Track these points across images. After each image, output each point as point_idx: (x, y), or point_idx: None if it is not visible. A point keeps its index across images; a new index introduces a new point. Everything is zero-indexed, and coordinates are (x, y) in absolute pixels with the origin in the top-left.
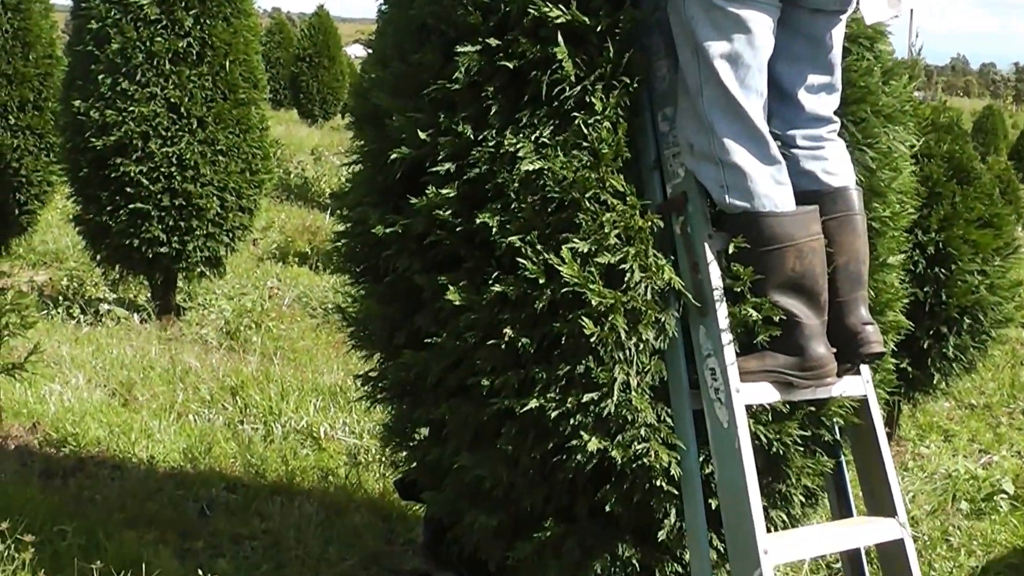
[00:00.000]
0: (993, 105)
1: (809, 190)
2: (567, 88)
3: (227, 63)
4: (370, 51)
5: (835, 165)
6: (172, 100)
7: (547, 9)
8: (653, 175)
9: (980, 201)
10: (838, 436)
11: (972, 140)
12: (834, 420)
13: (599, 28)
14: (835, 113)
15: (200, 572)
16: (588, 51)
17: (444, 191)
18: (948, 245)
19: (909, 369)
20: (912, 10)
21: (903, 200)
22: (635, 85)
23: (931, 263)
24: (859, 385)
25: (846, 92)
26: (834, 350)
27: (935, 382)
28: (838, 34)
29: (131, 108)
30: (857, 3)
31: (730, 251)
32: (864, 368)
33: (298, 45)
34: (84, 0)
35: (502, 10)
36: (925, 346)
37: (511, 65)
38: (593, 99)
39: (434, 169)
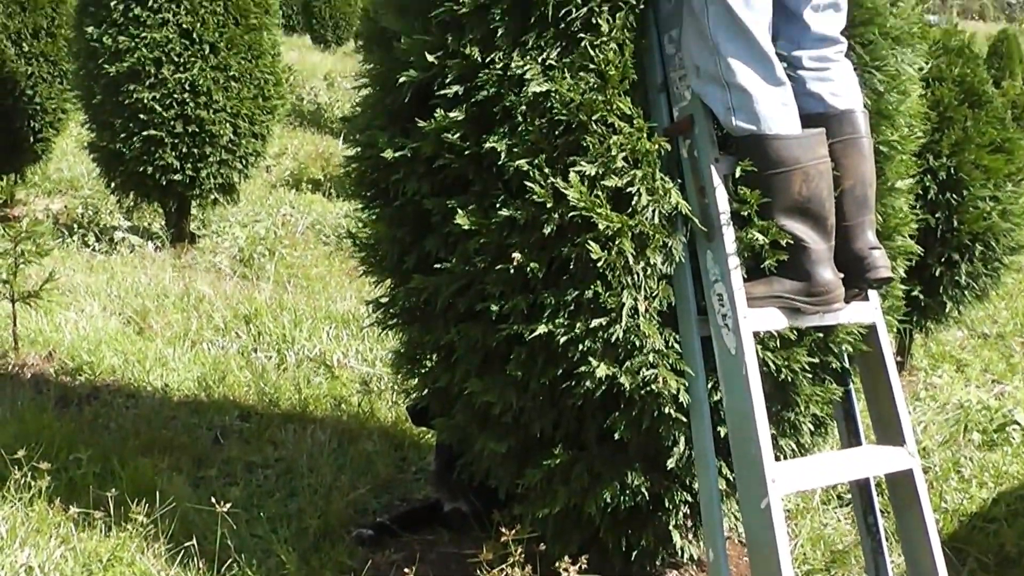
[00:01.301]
0: (1008, 29)
1: (815, 112)
2: (573, 9)
3: None
4: None
5: (841, 87)
6: (184, 25)
7: None
8: (660, 97)
9: (992, 126)
10: (847, 363)
11: (987, 64)
12: (843, 347)
13: None
14: (842, 34)
15: (213, 500)
16: None
17: (452, 114)
18: (959, 170)
19: (921, 297)
20: None
21: (911, 124)
22: (641, 6)
23: (942, 188)
24: (868, 311)
25: (853, 13)
26: (841, 275)
27: (947, 310)
28: None
29: (144, 34)
30: None
31: (737, 175)
32: (873, 294)
33: None
34: None
35: None
36: (937, 273)
37: None
38: (599, 20)
39: (442, 92)
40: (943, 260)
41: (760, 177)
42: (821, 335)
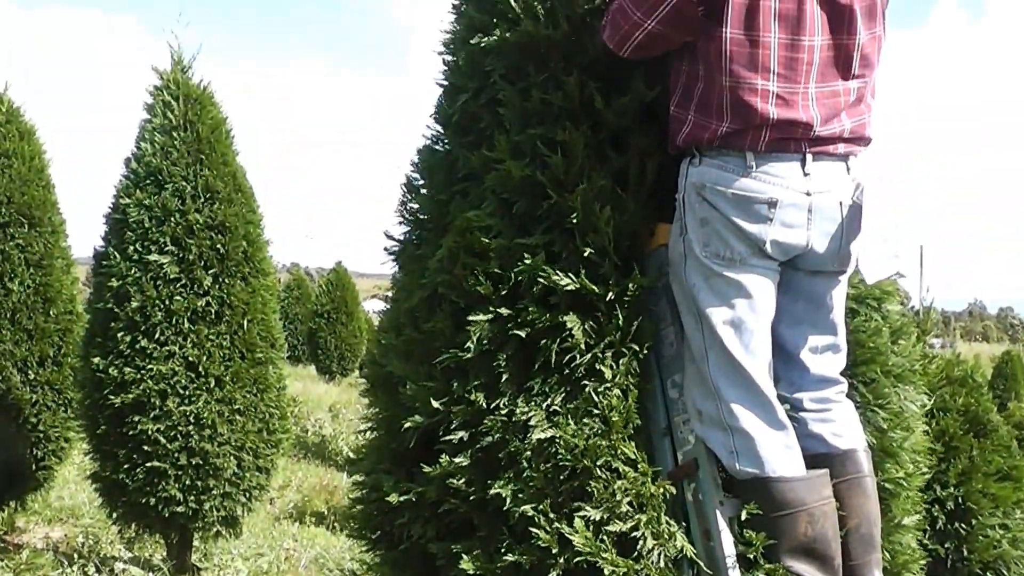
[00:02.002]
0: (1012, 350)
1: (818, 453)
2: (577, 356)
3: (245, 322)
4: (382, 317)
5: (843, 427)
6: (190, 359)
7: (557, 278)
8: (664, 441)
9: (998, 454)
10: None
11: (992, 386)
12: None
13: (608, 296)
14: (844, 373)
15: None
16: (597, 319)
17: (457, 460)
18: (967, 500)
19: None
20: (921, 246)
21: (916, 460)
22: (644, 352)
23: (951, 518)
24: None
25: (856, 353)
26: None
27: None
28: (839, 294)
29: (149, 366)
30: (856, 263)
31: (742, 517)
32: None
33: (316, 301)
34: (105, 259)
35: (512, 279)
36: None
37: (522, 334)
38: (603, 367)
39: (447, 437)
40: None
41: (765, 519)
42: None
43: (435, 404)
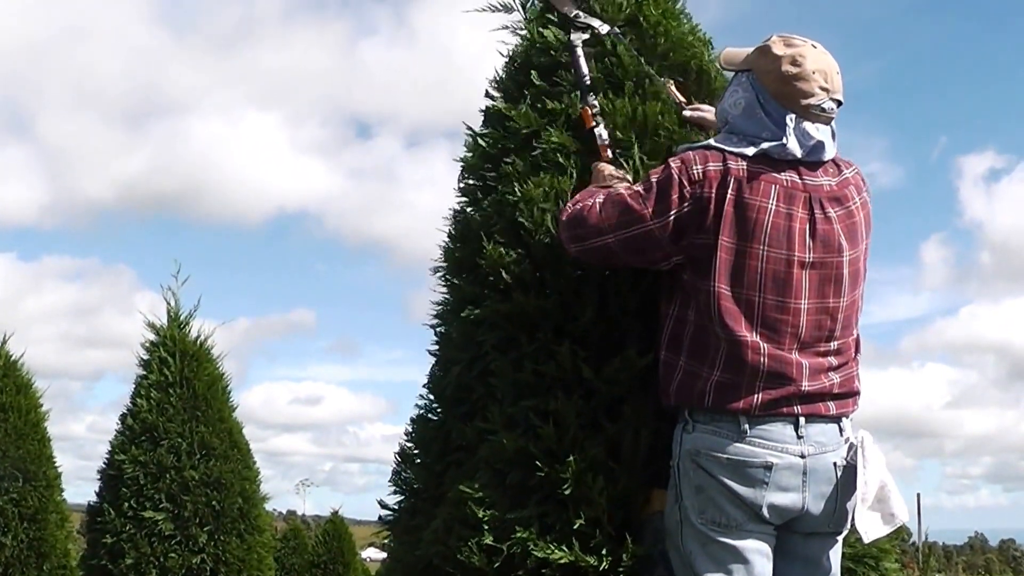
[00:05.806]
0: None
1: None
2: None
3: None
4: None
5: None
6: None
7: (550, 551)
8: None
9: None
10: None
11: None
12: None
13: (602, 567)
14: None
15: None
16: None
17: None
18: None
19: None
20: (919, 494)
21: None
22: None
23: None
24: None
25: None
26: None
27: None
28: (835, 555)
29: None
30: (852, 523)
31: None
32: None
33: (313, 551)
34: (99, 514)
35: (506, 551)
36: None
37: None
38: None
39: None
40: None
41: None
42: None
43: None
